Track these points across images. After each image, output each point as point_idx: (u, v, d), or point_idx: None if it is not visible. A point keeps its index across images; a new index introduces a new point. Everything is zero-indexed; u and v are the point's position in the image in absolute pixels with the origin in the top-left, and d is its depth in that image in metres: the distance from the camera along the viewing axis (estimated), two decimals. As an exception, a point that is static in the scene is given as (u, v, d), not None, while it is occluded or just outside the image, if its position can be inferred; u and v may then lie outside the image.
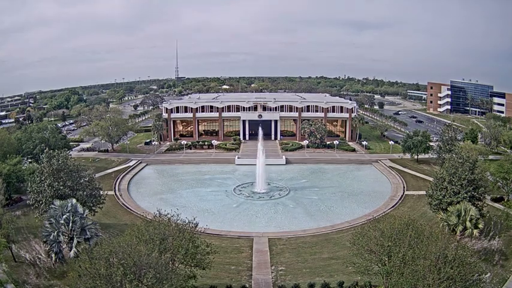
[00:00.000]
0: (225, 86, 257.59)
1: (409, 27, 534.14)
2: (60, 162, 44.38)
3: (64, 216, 35.81)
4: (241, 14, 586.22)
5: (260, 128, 78.56)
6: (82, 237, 35.55)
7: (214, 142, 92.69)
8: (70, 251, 35.17)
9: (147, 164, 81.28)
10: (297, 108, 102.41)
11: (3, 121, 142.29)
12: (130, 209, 55.34)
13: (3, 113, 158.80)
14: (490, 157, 72.60)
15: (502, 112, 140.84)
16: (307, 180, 71.47)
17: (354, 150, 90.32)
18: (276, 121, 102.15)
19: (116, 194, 61.63)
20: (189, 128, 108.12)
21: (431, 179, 55.00)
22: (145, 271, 24.58)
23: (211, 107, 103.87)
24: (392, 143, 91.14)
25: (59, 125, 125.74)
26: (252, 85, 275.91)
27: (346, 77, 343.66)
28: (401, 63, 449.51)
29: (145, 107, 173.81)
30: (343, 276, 35.77)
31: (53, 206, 37.83)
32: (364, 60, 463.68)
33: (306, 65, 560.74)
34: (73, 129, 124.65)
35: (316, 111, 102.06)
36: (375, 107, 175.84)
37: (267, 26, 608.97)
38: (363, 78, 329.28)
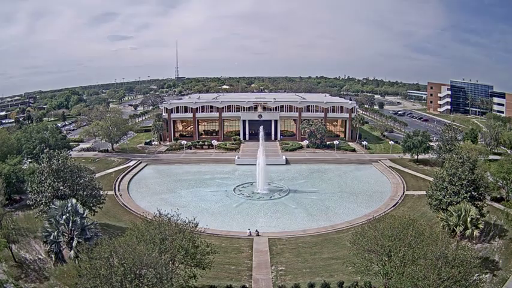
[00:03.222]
0: (225, 86, 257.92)
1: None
2: (60, 162, 44.36)
3: (64, 217, 35.78)
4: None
5: (260, 128, 78.57)
6: (82, 237, 35.47)
7: (214, 142, 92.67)
8: (70, 251, 35.14)
9: (147, 164, 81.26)
10: (297, 108, 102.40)
11: (3, 121, 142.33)
12: (130, 209, 55.32)
13: (3, 113, 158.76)
14: (490, 157, 72.58)
15: (502, 112, 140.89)
16: (307, 180, 71.47)
17: (354, 150, 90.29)
18: (276, 121, 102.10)
19: (116, 194, 61.63)
20: (189, 128, 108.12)
21: (431, 179, 54.98)
22: (145, 271, 24.59)
23: (211, 107, 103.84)
24: (392, 143, 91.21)
25: (59, 125, 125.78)
26: (252, 85, 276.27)
27: (346, 77, 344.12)
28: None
29: (146, 107, 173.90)
30: (343, 276, 35.78)
31: (53, 206, 37.81)
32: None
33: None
34: (73, 129, 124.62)
35: (316, 111, 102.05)
36: (375, 107, 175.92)
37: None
38: (363, 78, 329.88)
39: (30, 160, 68.72)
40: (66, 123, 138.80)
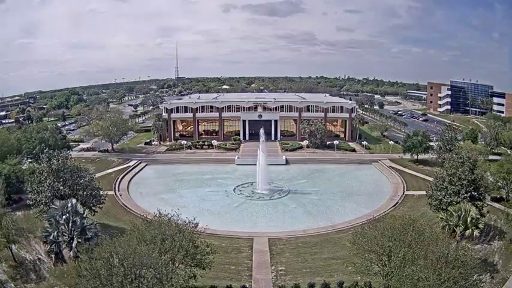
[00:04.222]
0: (225, 86, 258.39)
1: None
2: (60, 162, 44.34)
3: (64, 217, 35.83)
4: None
5: (260, 128, 78.60)
6: (82, 237, 35.51)
7: (214, 142, 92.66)
8: (70, 251, 35.16)
9: (147, 164, 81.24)
10: (297, 108, 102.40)
11: (3, 121, 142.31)
12: (130, 209, 55.26)
13: (3, 113, 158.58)
14: (490, 157, 72.61)
15: (502, 112, 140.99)
16: (307, 180, 71.44)
17: (354, 150, 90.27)
18: (276, 121, 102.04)
19: (115, 194, 61.60)
20: (189, 128, 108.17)
21: (431, 179, 54.93)
22: (145, 271, 24.59)
23: (211, 107, 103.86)
24: (392, 143, 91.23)
25: (59, 125, 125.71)
26: (252, 85, 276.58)
27: (346, 77, 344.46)
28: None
29: (146, 107, 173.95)
30: (343, 276, 35.73)
31: (53, 206, 37.84)
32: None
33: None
34: (73, 129, 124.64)
35: (316, 111, 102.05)
36: (375, 107, 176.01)
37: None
38: (363, 78, 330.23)
39: (30, 160, 68.67)
40: (66, 123, 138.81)
